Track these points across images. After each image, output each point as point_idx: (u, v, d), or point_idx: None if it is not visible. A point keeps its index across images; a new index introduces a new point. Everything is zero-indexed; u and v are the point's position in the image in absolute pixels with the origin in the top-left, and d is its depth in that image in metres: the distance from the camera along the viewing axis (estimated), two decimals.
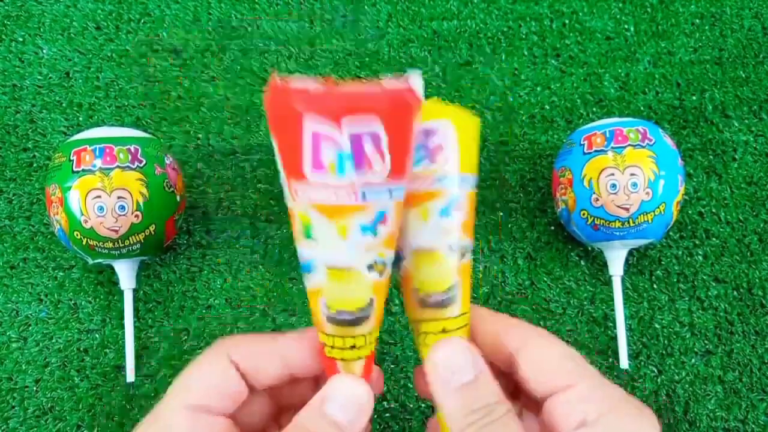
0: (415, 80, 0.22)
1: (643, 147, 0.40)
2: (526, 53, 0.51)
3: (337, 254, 0.25)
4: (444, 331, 0.28)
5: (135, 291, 0.44)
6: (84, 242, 0.40)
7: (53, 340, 0.44)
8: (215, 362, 0.26)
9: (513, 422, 0.24)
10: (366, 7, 0.52)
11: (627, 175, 0.39)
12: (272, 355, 0.27)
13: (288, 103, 0.21)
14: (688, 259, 0.46)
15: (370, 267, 0.25)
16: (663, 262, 0.46)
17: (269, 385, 0.27)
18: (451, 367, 0.25)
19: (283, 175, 0.24)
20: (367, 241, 0.24)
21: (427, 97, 0.28)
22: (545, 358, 0.25)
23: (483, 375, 0.25)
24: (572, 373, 0.25)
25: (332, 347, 0.26)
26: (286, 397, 0.29)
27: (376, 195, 0.23)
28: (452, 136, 0.27)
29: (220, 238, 0.47)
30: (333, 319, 0.26)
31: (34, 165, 0.48)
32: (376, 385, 0.27)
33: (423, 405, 0.44)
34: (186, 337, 0.45)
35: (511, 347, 0.26)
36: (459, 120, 0.28)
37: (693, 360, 0.44)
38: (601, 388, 0.24)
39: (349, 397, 0.25)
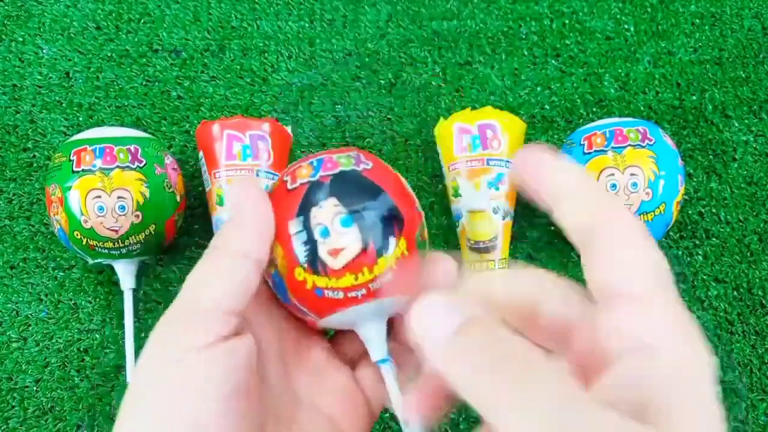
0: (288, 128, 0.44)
1: (643, 147, 0.40)
2: (526, 53, 0.51)
3: None
4: (487, 269, 0.42)
5: (135, 291, 0.44)
6: (84, 242, 0.40)
7: (53, 340, 0.44)
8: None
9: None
10: (366, 7, 0.52)
11: (627, 175, 0.39)
12: None
13: (213, 125, 0.42)
14: (688, 259, 0.46)
15: None
16: None
17: None
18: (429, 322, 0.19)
19: (206, 175, 0.43)
20: None
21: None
22: (622, 259, 0.19)
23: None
24: (647, 286, 0.18)
25: None
26: None
27: (265, 175, 0.41)
28: (500, 131, 0.42)
29: None
30: None
31: (34, 165, 0.48)
32: None
33: None
34: None
35: (580, 229, 0.20)
36: (507, 121, 0.42)
37: None
38: (674, 310, 0.18)
39: None
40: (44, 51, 0.51)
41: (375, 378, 0.28)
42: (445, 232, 0.47)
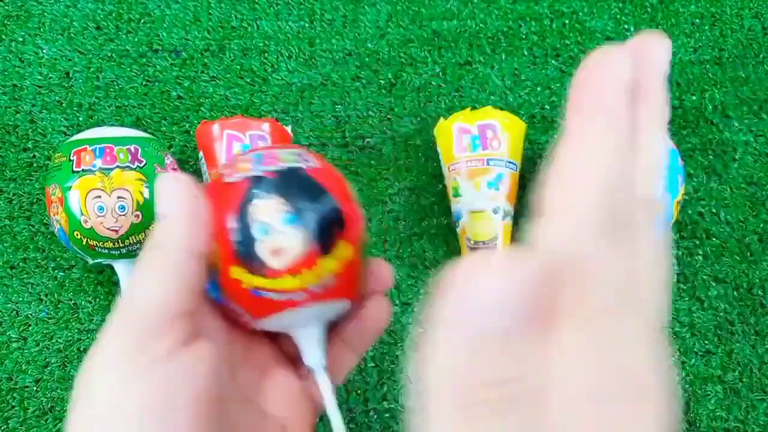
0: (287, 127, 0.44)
1: None
2: (526, 53, 0.51)
3: None
4: None
5: None
6: (84, 242, 0.40)
7: (53, 340, 0.44)
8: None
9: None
10: (366, 7, 0.52)
11: None
12: None
13: (213, 125, 0.42)
14: (688, 259, 0.46)
15: None
16: None
17: None
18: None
19: (207, 175, 0.43)
20: None
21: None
22: None
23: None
24: None
25: None
26: None
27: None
28: (500, 131, 0.42)
29: None
30: None
31: (34, 165, 0.48)
32: None
33: None
34: None
35: None
36: (507, 121, 0.42)
37: (693, 360, 0.44)
38: None
39: None
40: (44, 51, 0.51)
41: None
42: (445, 232, 0.47)
